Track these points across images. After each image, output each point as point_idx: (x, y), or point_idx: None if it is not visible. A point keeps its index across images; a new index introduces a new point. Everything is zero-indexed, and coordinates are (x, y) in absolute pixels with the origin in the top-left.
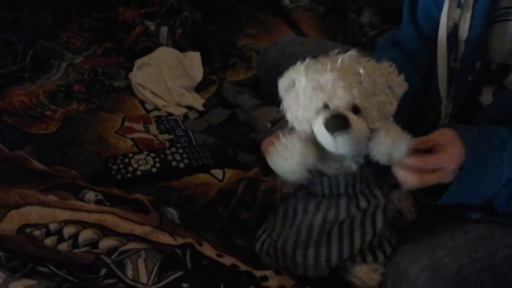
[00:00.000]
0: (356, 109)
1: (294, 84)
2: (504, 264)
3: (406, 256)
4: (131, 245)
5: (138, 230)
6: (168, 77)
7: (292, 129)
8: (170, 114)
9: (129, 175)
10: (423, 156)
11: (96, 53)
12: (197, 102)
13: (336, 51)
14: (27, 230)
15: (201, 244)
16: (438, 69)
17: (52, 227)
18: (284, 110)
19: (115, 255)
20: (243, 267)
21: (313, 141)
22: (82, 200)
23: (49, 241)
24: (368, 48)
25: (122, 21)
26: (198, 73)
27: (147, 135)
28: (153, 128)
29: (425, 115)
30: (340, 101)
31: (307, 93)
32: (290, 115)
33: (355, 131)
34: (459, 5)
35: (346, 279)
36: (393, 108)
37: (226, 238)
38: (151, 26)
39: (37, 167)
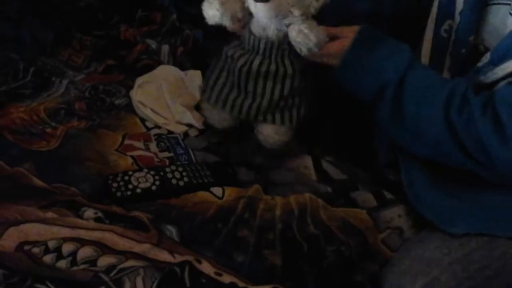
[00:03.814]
0: None
1: None
2: (500, 275)
3: (402, 276)
4: (129, 263)
5: (137, 248)
6: (168, 95)
7: None
8: (170, 132)
9: (129, 192)
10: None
11: (97, 71)
12: (197, 120)
13: None
14: (26, 247)
15: (199, 262)
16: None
17: (51, 244)
18: None
19: (113, 272)
20: (242, 284)
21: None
22: (81, 217)
23: (48, 258)
24: None
25: (123, 39)
26: (198, 92)
27: (147, 153)
28: (153, 146)
29: None
30: None
31: None
32: None
33: (272, 4)
34: None
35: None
36: (312, 6)
37: (225, 256)
38: (153, 44)
39: (36, 184)
